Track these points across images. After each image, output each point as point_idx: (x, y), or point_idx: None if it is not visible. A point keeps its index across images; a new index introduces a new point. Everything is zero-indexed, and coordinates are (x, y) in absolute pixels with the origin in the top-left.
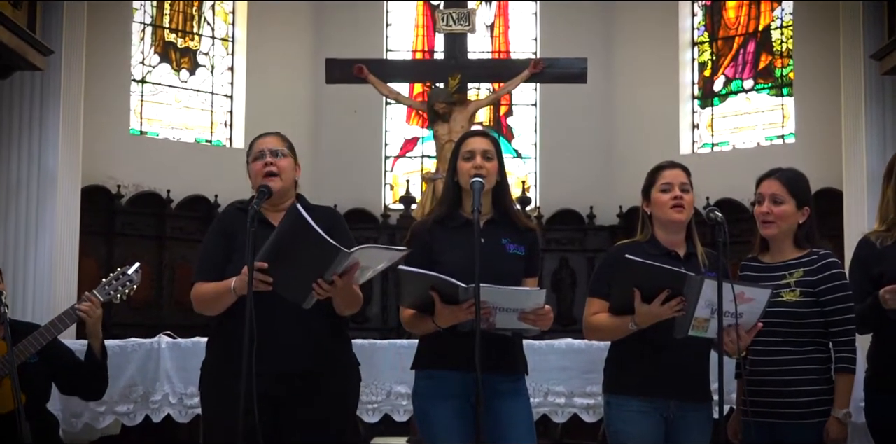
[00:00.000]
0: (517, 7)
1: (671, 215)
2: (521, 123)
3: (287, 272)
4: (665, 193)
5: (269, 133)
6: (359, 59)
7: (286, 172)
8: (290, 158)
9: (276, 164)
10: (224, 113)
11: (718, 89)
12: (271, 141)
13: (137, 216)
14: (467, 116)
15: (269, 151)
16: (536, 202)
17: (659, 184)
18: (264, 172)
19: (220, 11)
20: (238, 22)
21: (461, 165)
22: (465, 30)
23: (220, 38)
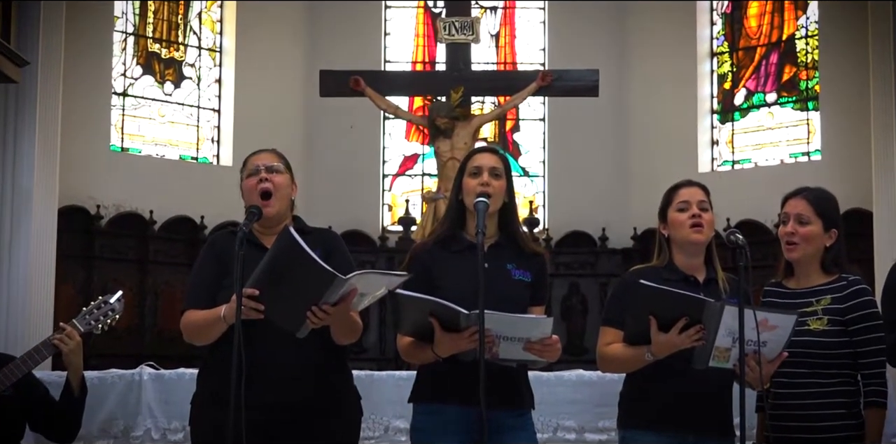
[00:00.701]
0: (524, 15)
1: (689, 236)
2: (529, 140)
3: (280, 299)
4: (682, 213)
5: (265, 149)
6: (355, 71)
7: (282, 189)
8: (287, 176)
9: (271, 180)
10: (211, 128)
11: (739, 103)
12: (267, 157)
13: (118, 239)
14: (471, 132)
15: (265, 167)
16: (545, 224)
17: (676, 203)
18: (259, 190)
19: (207, 20)
20: (226, 31)
21: (467, 182)
22: (468, 40)
23: (207, 48)
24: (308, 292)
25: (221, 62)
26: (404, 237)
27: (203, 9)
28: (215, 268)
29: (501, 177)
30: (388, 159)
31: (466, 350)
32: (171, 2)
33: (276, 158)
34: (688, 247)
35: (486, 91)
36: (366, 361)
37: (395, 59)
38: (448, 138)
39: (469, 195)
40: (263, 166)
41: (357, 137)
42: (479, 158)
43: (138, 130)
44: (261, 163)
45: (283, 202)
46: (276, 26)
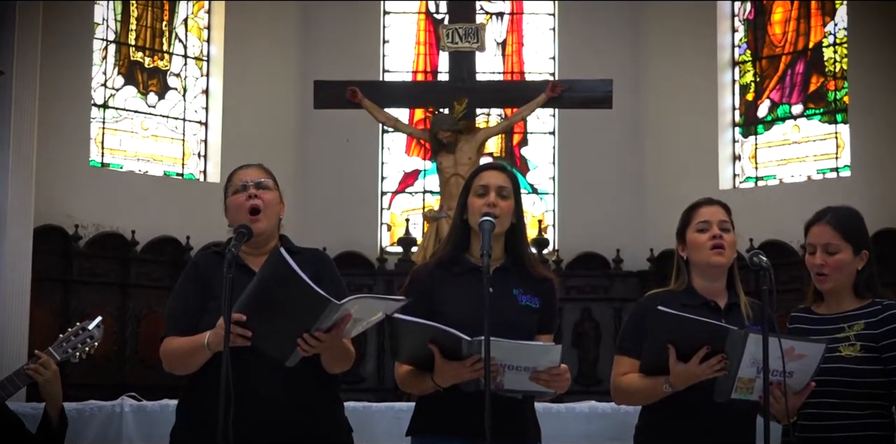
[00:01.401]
0: (533, 22)
1: (710, 258)
2: (538, 155)
3: (269, 325)
4: (702, 234)
5: (251, 164)
6: (351, 82)
7: (270, 207)
8: (275, 193)
9: (260, 196)
10: (197, 142)
11: (763, 115)
12: (253, 172)
13: (97, 260)
14: (475, 147)
15: (252, 183)
16: (555, 245)
17: (695, 223)
18: (247, 206)
19: (194, 27)
20: (214, 39)
21: (472, 202)
22: (472, 48)
23: (194, 57)
24: (300, 317)
25: (209, 72)
26: (404, 259)
27: (189, 15)
28: (198, 291)
29: (509, 197)
30: (387, 176)
31: (469, 380)
32: (156, 8)
33: (263, 174)
34: (708, 270)
35: (491, 103)
36: (363, 391)
37: (395, 69)
38: (451, 153)
39: (474, 215)
40: (251, 182)
41: (354, 151)
42: (486, 177)
43: (119, 145)
44: (248, 178)
45: (271, 221)
46: (267, 33)
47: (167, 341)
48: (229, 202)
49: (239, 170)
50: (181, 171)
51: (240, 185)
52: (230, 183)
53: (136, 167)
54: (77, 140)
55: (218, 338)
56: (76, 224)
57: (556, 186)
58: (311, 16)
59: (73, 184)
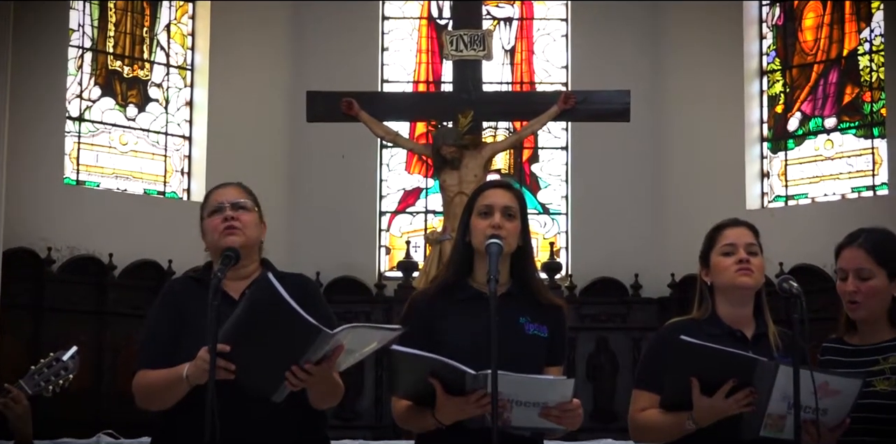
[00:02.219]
0: (544, 28)
1: (736, 280)
2: (549, 172)
3: (253, 357)
4: (728, 257)
5: (228, 184)
6: (347, 93)
7: (249, 228)
8: (255, 214)
9: (237, 218)
10: (181, 158)
11: (793, 129)
12: (231, 192)
13: (72, 286)
14: (482, 163)
15: (230, 204)
16: (568, 269)
17: (720, 246)
18: (222, 228)
19: (177, 33)
20: (199, 46)
21: (475, 223)
22: (478, 56)
23: (177, 66)
24: (288, 349)
25: (193, 82)
26: (404, 285)
27: (172, 20)
28: (173, 321)
29: (515, 217)
30: (386, 194)
31: (473, 417)
32: (136, 13)
33: (241, 194)
34: (734, 295)
35: (499, 115)
36: (359, 429)
37: (394, 79)
38: (455, 170)
39: (477, 237)
40: (228, 203)
41: (350, 168)
42: (490, 196)
43: (96, 161)
44: (224, 199)
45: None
46: (256, 40)
47: (140, 374)
48: (205, 225)
49: (215, 190)
50: (163, 189)
51: (215, 206)
52: (206, 204)
53: (114, 185)
54: (50, 156)
55: (199, 370)
56: (49, 247)
57: (570, 205)
58: (303, 21)
59: (45, 203)
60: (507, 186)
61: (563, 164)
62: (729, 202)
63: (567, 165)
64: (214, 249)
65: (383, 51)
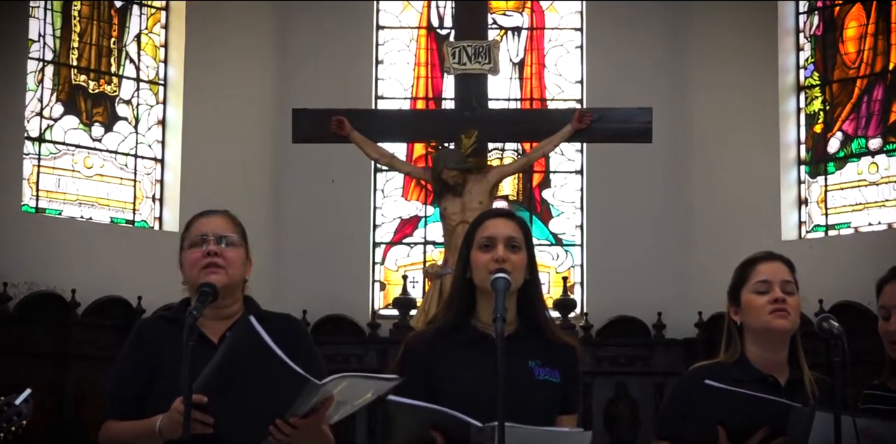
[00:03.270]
0: (556, 38)
1: (770, 323)
2: (562, 198)
3: (234, 409)
4: (761, 295)
5: (214, 211)
6: (338, 110)
7: (234, 266)
8: (241, 250)
9: (221, 254)
10: (152, 183)
11: (834, 151)
12: (217, 223)
13: (31, 326)
14: (487, 189)
15: (214, 237)
16: (583, 307)
17: (752, 283)
18: (203, 264)
19: (148, 44)
20: (172, 59)
21: (476, 257)
22: (483, 70)
23: (148, 80)
24: (272, 400)
25: (166, 98)
26: (401, 324)
27: (142, 30)
28: (145, 365)
29: (520, 248)
30: (381, 224)
31: None
32: (102, 21)
33: (228, 225)
34: (767, 338)
35: (506, 136)
36: None
37: (390, 95)
38: (458, 197)
39: (479, 272)
40: (212, 235)
41: (340, 194)
42: (491, 226)
43: (58, 186)
44: (209, 231)
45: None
46: (237, 52)
47: (108, 425)
48: (184, 257)
49: (199, 218)
50: (132, 218)
51: (198, 237)
52: (188, 233)
53: (78, 213)
54: (6, 181)
55: (173, 423)
56: (5, 282)
57: (585, 236)
58: (289, 31)
59: (1, 234)
60: (508, 214)
61: (578, 189)
62: (762, 233)
63: (582, 191)
64: (192, 284)
65: (378, 64)
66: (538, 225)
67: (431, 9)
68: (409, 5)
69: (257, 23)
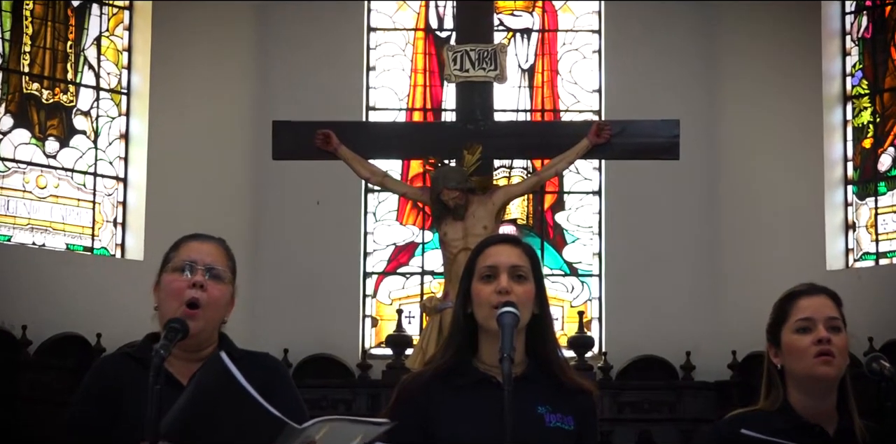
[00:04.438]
0: (571, 41)
1: (814, 370)
2: (578, 222)
3: None
4: (803, 335)
5: (209, 237)
6: (324, 123)
7: (216, 306)
8: (228, 288)
9: (206, 288)
10: (113, 206)
11: (885, 169)
12: (210, 251)
13: None
14: (492, 212)
15: (203, 267)
16: (601, 346)
17: (794, 320)
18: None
19: (110, 48)
20: (137, 65)
21: (477, 289)
22: (488, 77)
23: (109, 89)
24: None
25: (129, 109)
26: (395, 365)
27: (103, 32)
28: (105, 409)
29: (527, 278)
30: (372, 251)
31: None
32: (58, 22)
33: (221, 257)
34: (811, 384)
35: (514, 151)
36: None
37: (383, 106)
38: (460, 221)
39: (481, 307)
40: (202, 265)
41: (327, 218)
42: (493, 254)
43: (7, 209)
44: (199, 258)
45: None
46: (210, 57)
47: None
48: (164, 280)
49: (191, 241)
50: (91, 244)
51: (185, 263)
52: (174, 254)
53: (29, 239)
54: None
55: None
56: None
57: (603, 265)
58: (270, 33)
59: None
60: (512, 240)
61: (596, 213)
62: (804, 261)
63: (600, 215)
64: (165, 315)
65: (369, 70)
66: (550, 253)
67: (430, 8)
68: (404, 5)
69: (234, 24)
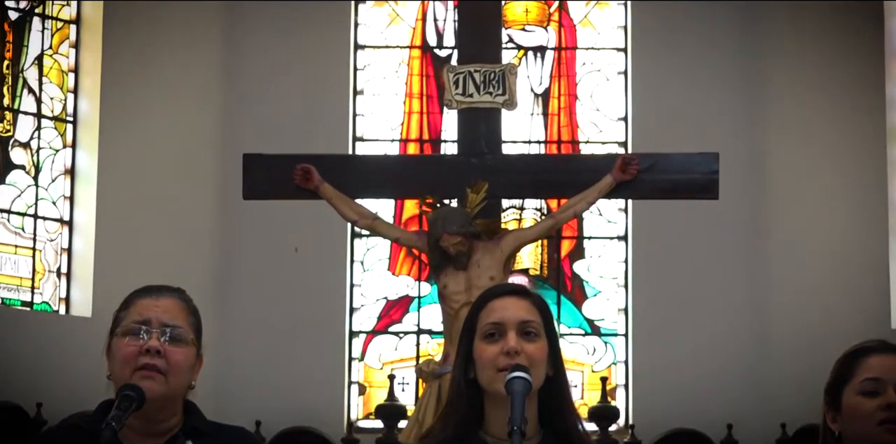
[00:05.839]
0: (593, 61)
1: (877, 438)
2: (600, 273)
3: None
4: (869, 398)
5: (164, 289)
6: (303, 156)
7: (177, 372)
8: (190, 350)
9: (163, 352)
10: (56, 254)
11: None
12: (166, 307)
13: None
14: (501, 260)
15: (158, 327)
16: (628, 417)
17: (858, 380)
18: (136, 366)
19: (53, 69)
20: (85, 88)
21: (481, 350)
22: (496, 103)
23: (53, 117)
24: None
25: (76, 141)
26: (386, 440)
27: (45, 50)
28: None
29: (539, 335)
30: (360, 307)
31: None
32: None
33: (180, 313)
34: None
35: (526, 190)
36: None
37: (372, 136)
38: (462, 270)
39: (485, 370)
40: (157, 327)
41: (307, 268)
42: (499, 308)
43: None
44: (153, 317)
45: (174, 386)
46: (171, 79)
47: None
48: (115, 346)
49: (144, 297)
50: (29, 298)
51: (137, 325)
52: (125, 313)
53: None
54: None
55: None
56: None
57: (630, 323)
58: (241, 52)
59: None
60: (519, 291)
61: (622, 261)
62: (866, 318)
63: (626, 264)
64: (119, 382)
65: (356, 94)
66: (568, 309)
67: (427, 22)
68: (397, 18)
69: (198, 40)
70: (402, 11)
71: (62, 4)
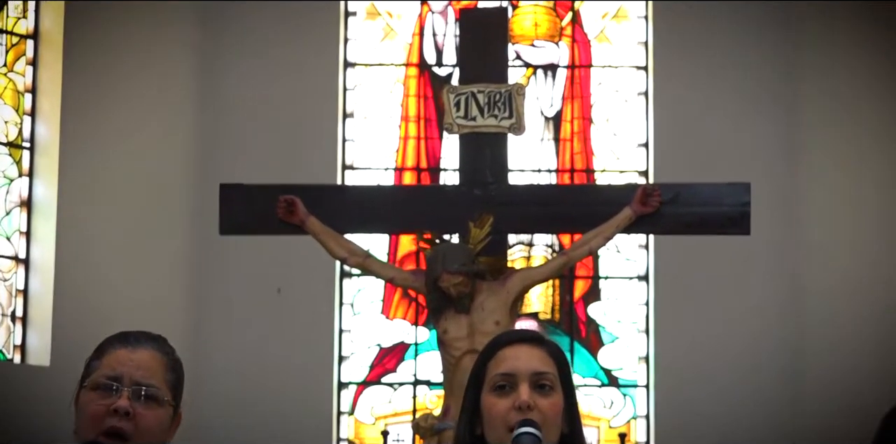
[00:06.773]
0: (610, 81)
1: None
2: (619, 317)
3: None
4: None
5: (142, 339)
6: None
7: (148, 436)
8: (164, 411)
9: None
10: (11, 295)
11: None
12: (141, 361)
13: None
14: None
15: (129, 385)
16: None
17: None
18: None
19: (8, 90)
20: (43, 110)
21: (489, 404)
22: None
23: (7, 142)
24: None
25: (33, 169)
26: None
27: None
28: None
29: (554, 388)
30: (349, 355)
31: None
32: None
33: (157, 368)
34: None
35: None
36: None
37: (363, 164)
38: (464, 314)
39: (494, 427)
40: (128, 384)
41: (290, 311)
42: (510, 358)
43: None
44: (125, 373)
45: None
46: (139, 101)
47: None
48: (82, 398)
49: (119, 347)
50: None
51: (107, 378)
52: (98, 362)
53: None
54: None
55: None
56: None
57: (652, 373)
58: (217, 69)
59: None
60: (534, 338)
61: (642, 304)
62: None
63: (647, 306)
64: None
65: (346, 118)
66: (583, 357)
67: (425, 38)
68: (391, 32)
69: (170, 57)
70: (396, 25)
71: (17, 17)
